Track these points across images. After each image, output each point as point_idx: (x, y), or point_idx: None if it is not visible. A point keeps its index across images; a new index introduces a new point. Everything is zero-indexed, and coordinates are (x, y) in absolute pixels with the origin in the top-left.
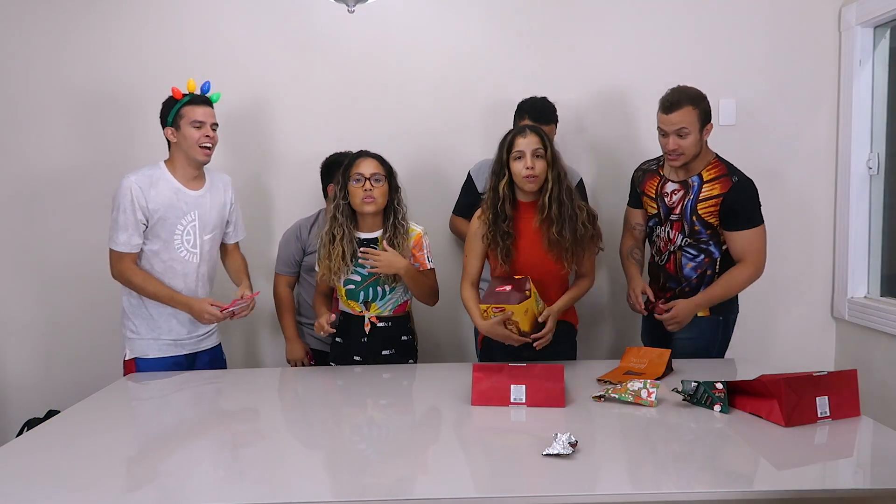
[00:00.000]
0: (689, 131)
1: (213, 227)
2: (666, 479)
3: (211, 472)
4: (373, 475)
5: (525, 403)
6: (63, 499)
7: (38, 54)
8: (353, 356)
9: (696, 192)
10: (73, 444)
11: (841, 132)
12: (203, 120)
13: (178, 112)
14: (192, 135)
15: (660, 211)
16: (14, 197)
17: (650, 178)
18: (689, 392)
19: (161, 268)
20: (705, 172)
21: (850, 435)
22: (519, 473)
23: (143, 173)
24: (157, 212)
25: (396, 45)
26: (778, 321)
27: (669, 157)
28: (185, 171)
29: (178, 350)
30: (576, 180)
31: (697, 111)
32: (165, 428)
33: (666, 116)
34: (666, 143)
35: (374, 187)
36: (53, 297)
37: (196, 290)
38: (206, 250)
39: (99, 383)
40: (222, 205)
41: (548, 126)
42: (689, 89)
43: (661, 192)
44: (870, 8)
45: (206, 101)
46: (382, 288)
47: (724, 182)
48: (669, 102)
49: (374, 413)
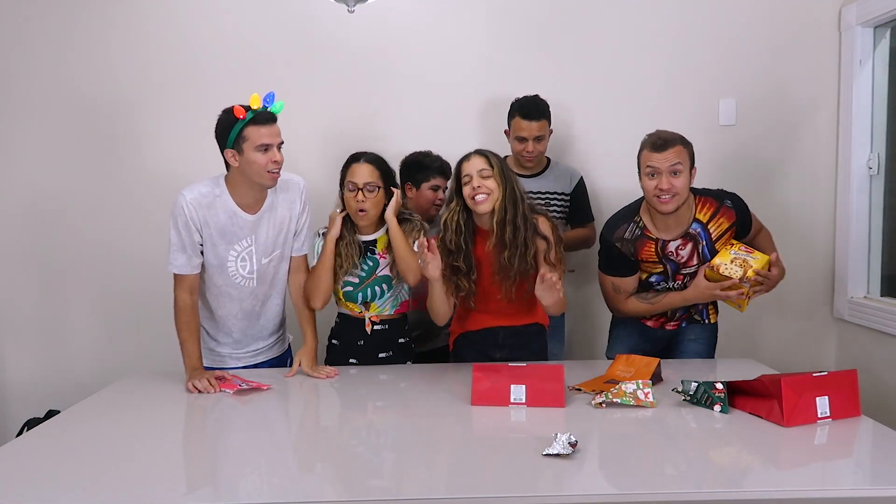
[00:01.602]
0: (682, 169)
1: (274, 248)
2: (666, 479)
3: (210, 471)
4: (372, 475)
5: (525, 403)
6: (63, 499)
7: (40, 57)
8: (349, 359)
9: (706, 237)
10: (73, 444)
11: (841, 132)
12: (270, 143)
13: (240, 133)
14: (259, 160)
15: (667, 269)
16: (15, 198)
17: (643, 245)
18: (689, 392)
19: (215, 291)
20: (700, 215)
21: (850, 435)
22: (519, 473)
23: (200, 191)
24: (211, 236)
25: (396, 45)
26: (778, 321)
27: (660, 200)
28: (246, 194)
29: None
30: (575, 179)
31: (687, 151)
32: (165, 428)
33: (659, 154)
34: (657, 182)
35: (366, 198)
36: (53, 298)
37: (255, 310)
38: (267, 272)
39: (99, 383)
40: (286, 220)
41: (539, 122)
42: (674, 133)
43: (665, 253)
44: (870, 8)
45: (271, 117)
46: (381, 287)
47: (724, 211)
48: (662, 140)
49: (372, 414)
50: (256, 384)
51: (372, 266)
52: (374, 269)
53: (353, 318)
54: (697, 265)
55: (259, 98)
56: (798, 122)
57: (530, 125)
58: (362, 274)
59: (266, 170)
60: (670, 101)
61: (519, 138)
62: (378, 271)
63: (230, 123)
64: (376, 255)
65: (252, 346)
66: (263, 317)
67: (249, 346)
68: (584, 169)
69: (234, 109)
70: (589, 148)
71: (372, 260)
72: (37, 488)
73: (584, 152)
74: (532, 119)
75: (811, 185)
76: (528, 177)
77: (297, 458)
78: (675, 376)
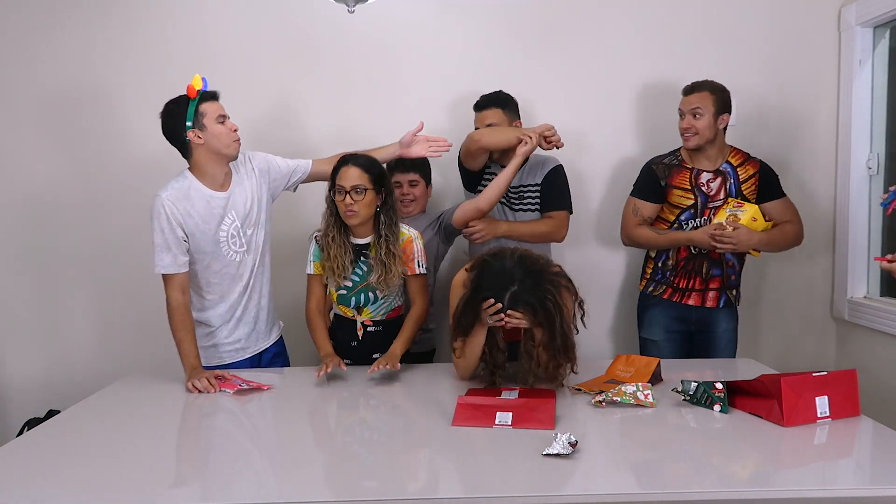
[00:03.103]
0: (702, 113)
1: (255, 215)
2: (666, 479)
3: (209, 471)
4: (370, 475)
5: (511, 425)
6: (63, 499)
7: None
8: (344, 360)
9: (735, 177)
10: (73, 444)
11: (841, 132)
12: (224, 114)
13: (197, 110)
14: (223, 130)
15: (697, 201)
16: (13, 198)
17: (678, 172)
18: (689, 392)
19: (217, 279)
20: (731, 159)
21: (850, 435)
22: (519, 473)
23: (173, 187)
24: (199, 225)
25: (396, 46)
26: (778, 321)
27: (684, 137)
28: (214, 173)
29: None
30: (548, 167)
31: (714, 97)
32: (164, 428)
33: (685, 98)
34: (681, 122)
35: (354, 201)
36: (53, 298)
37: (254, 286)
38: (256, 241)
39: (99, 383)
40: (254, 187)
41: (489, 110)
42: (712, 81)
43: (697, 182)
44: (870, 8)
45: (216, 95)
46: (374, 293)
47: (753, 163)
48: (691, 86)
49: (366, 413)
50: (257, 384)
51: (366, 271)
52: (368, 274)
53: (346, 321)
54: (724, 199)
55: (200, 79)
56: (798, 122)
57: (480, 115)
58: (355, 279)
59: (231, 139)
60: (670, 101)
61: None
62: (370, 278)
63: (185, 104)
64: (370, 259)
65: (252, 332)
66: (259, 292)
67: (250, 334)
68: (582, 171)
69: (187, 89)
70: (589, 148)
71: (366, 265)
72: (37, 488)
73: (584, 152)
74: (480, 109)
75: (811, 185)
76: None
77: (296, 458)
78: (675, 376)
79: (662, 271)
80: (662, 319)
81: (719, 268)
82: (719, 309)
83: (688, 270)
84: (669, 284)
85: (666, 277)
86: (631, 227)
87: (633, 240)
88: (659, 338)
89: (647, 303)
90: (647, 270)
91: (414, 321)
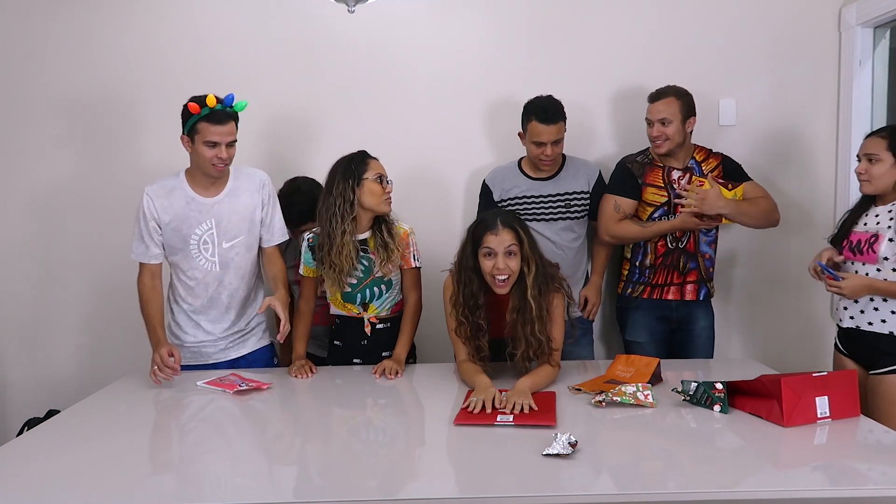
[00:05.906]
0: (671, 120)
1: (237, 233)
2: (666, 479)
3: (208, 471)
4: (372, 475)
5: (512, 423)
6: (63, 499)
7: (37, 56)
8: (353, 359)
9: (700, 172)
10: (73, 444)
11: (841, 132)
12: (217, 141)
13: (194, 126)
14: (204, 153)
15: (669, 198)
16: (14, 198)
17: (651, 170)
18: (689, 392)
19: (184, 277)
20: (696, 155)
21: (850, 435)
22: (519, 473)
23: (161, 183)
24: (170, 223)
25: (396, 45)
26: (778, 321)
27: (655, 144)
28: (201, 180)
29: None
30: (594, 176)
31: (680, 102)
32: (164, 428)
33: (651, 105)
34: (651, 131)
35: (391, 189)
36: (53, 298)
37: (222, 299)
38: (230, 258)
39: (99, 383)
40: (250, 207)
41: (556, 125)
42: (675, 86)
43: (669, 179)
44: (870, 8)
45: (226, 117)
46: (379, 288)
47: (715, 157)
48: (656, 93)
49: (372, 413)
50: (257, 384)
51: (368, 266)
52: (371, 269)
53: (352, 319)
54: None
55: (214, 98)
56: (798, 122)
57: (548, 129)
58: (360, 275)
59: (210, 163)
60: None
61: (536, 143)
62: (375, 272)
63: (188, 114)
64: (369, 253)
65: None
66: (232, 308)
67: (225, 333)
68: None
69: (189, 107)
70: (588, 148)
71: (367, 259)
72: (37, 488)
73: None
74: (549, 122)
75: (811, 185)
76: (546, 179)
77: (297, 457)
78: (675, 376)
79: (640, 270)
80: (644, 321)
81: (695, 261)
82: (698, 304)
83: (666, 265)
84: (647, 283)
85: (644, 276)
86: (613, 224)
87: (616, 236)
88: (643, 339)
89: (628, 305)
90: (624, 272)
91: (411, 318)
